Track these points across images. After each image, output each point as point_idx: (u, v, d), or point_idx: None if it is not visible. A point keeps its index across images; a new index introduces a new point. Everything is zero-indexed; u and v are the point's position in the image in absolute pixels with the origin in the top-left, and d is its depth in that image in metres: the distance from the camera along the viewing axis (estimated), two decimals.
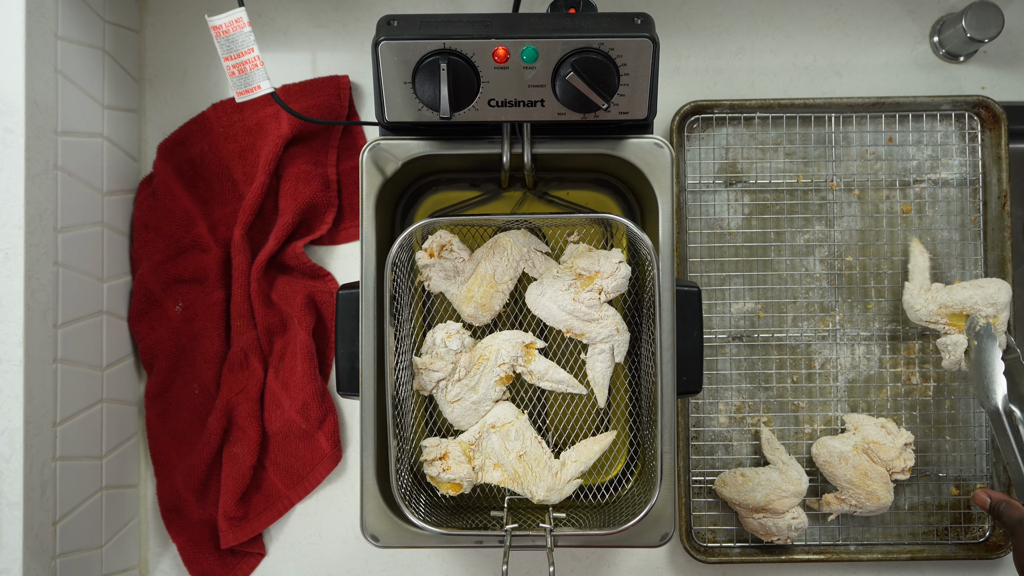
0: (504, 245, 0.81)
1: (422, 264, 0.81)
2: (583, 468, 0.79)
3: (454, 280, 0.81)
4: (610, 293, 0.78)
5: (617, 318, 0.79)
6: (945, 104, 0.95)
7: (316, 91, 0.96)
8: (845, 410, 0.95)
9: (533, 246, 0.81)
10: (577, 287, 0.79)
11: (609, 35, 0.67)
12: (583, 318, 0.79)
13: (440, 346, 0.79)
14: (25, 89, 0.75)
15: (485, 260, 0.81)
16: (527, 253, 0.81)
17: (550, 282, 0.80)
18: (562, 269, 0.81)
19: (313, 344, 0.94)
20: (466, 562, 0.96)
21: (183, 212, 0.96)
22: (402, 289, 0.80)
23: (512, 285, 0.81)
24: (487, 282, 0.80)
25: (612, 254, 0.79)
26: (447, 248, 0.81)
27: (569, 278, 0.79)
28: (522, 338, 0.80)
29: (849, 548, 0.93)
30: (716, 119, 0.96)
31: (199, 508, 0.95)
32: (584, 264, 0.79)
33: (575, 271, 0.79)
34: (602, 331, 0.79)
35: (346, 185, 0.98)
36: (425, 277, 0.82)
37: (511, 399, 0.82)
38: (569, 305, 0.78)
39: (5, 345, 0.74)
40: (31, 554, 0.74)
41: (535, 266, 0.81)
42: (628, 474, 0.83)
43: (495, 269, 0.80)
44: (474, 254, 0.82)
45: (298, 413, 0.94)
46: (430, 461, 0.79)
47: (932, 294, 0.90)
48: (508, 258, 0.80)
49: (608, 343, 0.79)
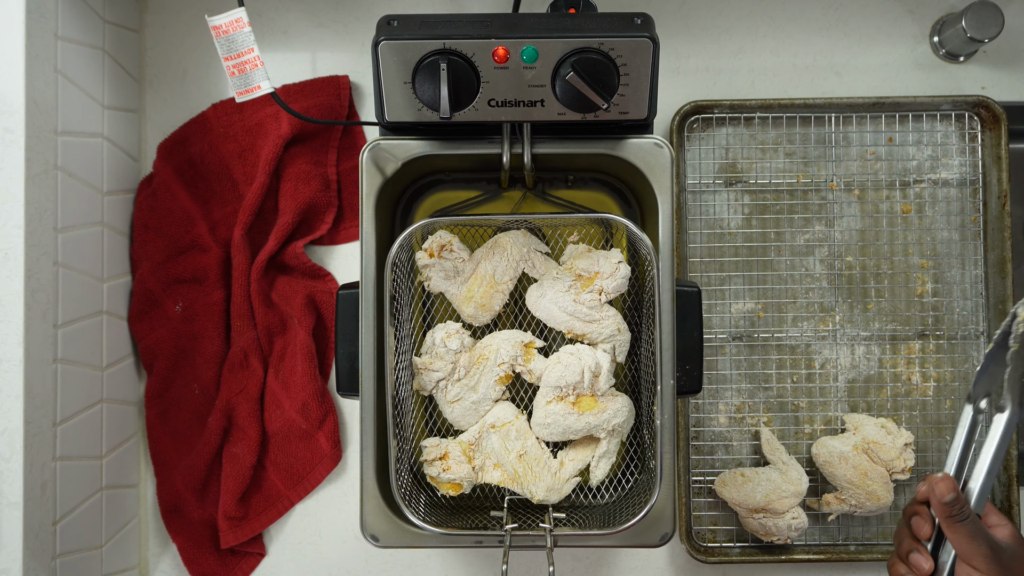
0: (504, 245, 0.81)
1: (422, 264, 0.81)
2: (580, 467, 0.79)
3: (454, 280, 0.81)
4: (610, 293, 0.78)
5: (618, 318, 0.79)
6: (945, 104, 0.95)
7: (316, 91, 0.96)
8: (845, 410, 0.95)
9: (533, 246, 0.81)
10: (577, 288, 0.79)
11: (609, 35, 0.67)
12: (584, 319, 0.79)
13: (440, 346, 0.79)
14: (25, 89, 0.75)
15: (485, 260, 0.81)
16: (527, 253, 0.81)
17: (550, 283, 0.80)
18: (562, 270, 0.80)
19: (313, 344, 0.94)
20: (466, 562, 0.96)
21: (183, 212, 0.96)
22: (402, 289, 0.80)
23: (512, 285, 0.81)
24: (487, 282, 0.80)
25: (611, 254, 0.79)
26: (447, 248, 0.81)
27: (569, 279, 0.79)
28: (521, 337, 0.80)
29: (849, 548, 0.93)
30: (716, 119, 0.96)
31: (199, 508, 0.95)
32: (584, 265, 0.79)
33: (575, 272, 0.79)
34: (603, 331, 0.79)
35: (346, 185, 0.98)
36: (425, 277, 0.82)
37: (511, 399, 0.82)
38: (570, 306, 0.78)
39: (5, 345, 0.74)
40: (31, 554, 0.74)
41: (535, 266, 0.81)
42: (628, 474, 0.83)
43: (495, 269, 0.80)
44: (474, 254, 0.82)
45: (298, 413, 0.94)
46: (430, 461, 0.79)
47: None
48: (508, 258, 0.80)
49: (609, 343, 0.79)
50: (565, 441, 0.81)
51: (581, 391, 0.77)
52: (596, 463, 0.79)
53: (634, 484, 0.82)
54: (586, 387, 0.77)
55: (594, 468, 0.79)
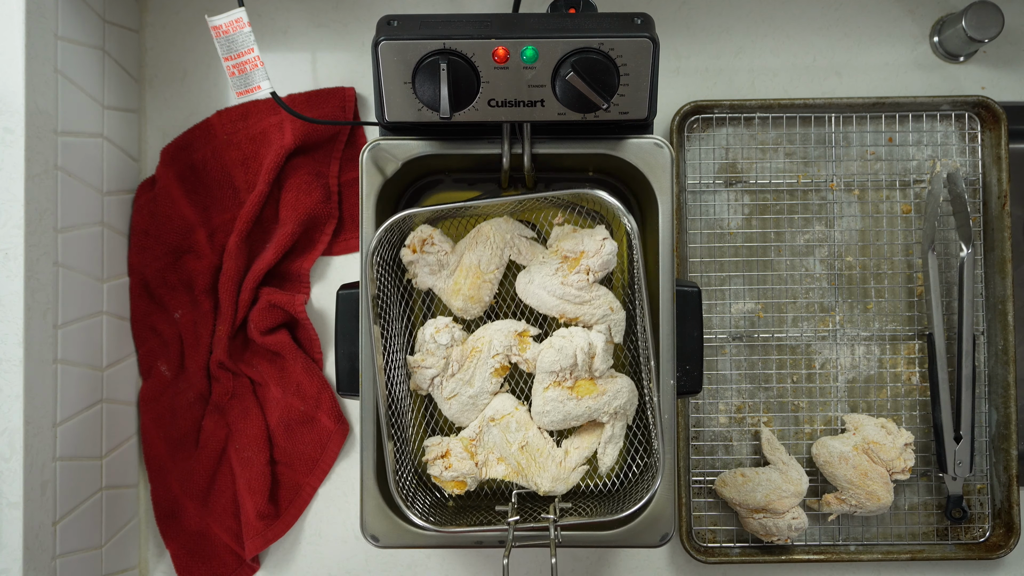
0: (487, 234, 0.79)
1: (407, 261, 0.79)
2: (587, 454, 0.77)
3: (439, 274, 0.80)
4: (598, 272, 0.77)
5: (610, 296, 0.78)
6: (945, 104, 0.95)
7: (321, 102, 0.96)
8: (845, 410, 0.95)
9: (517, 232, 0.80)
10: (564, 270, 0.77)
11: (609, 35, 0.67)
12: (575, 301, 0.77)
13: (430, 342, 0.78)
14: (25, 89, 0.75)
15: (468, 251, 0.79)
16: (511, 240, 0.79)
17: (537, 268, 0.78)
18: (548, 254, 0.79)
19: (294, 344, 0.94)
20: (466, 562, 0.96)
21: (182, 219, 0.96)
22: (389, 287, 0.78)
23: (499, 274, 0.80)
24: (473, 273, 0.79)
25: (596, 231, 0.77)
26: (428, 242, 0.79)
27: (556, 262, 0.77)
28: (514, 327, 0.78)
29: (849, 548, 0.93)
30: (716, 119, 0.96)
31: (199, 516, 0.94)
32: (569, 246, 0.77)
33: (561, 254, 0.78)
34: (596, 312, 0.77)
35: (347, 196, 0.97)
36: (412, 274, 0.80)
37: (510, 391, 0.81)
38: (559, 289, 0.77)
39: (5, 345, 0.74)
40: (31, 554, 0.74)
41: (520, 252, 0.79)
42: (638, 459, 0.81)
43: (480, 259, 0.79)
44: (457, 246, 0.80)
45: (294, 396, 0.93)
46: (432, 460, 0.78)
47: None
48: (492, 247, 0.79)
49: (604, 323, 0.77)
50: (570, 429, 0.80)
51: (578, 375, 0.76)
52: (603, 449, 0.78)
53: (644, 468, 0.80)
54: (582, 370, 0.76)
55: (601, 455, 0.78)
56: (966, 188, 0.94)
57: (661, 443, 0.74)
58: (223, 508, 0.95)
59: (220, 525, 0.94)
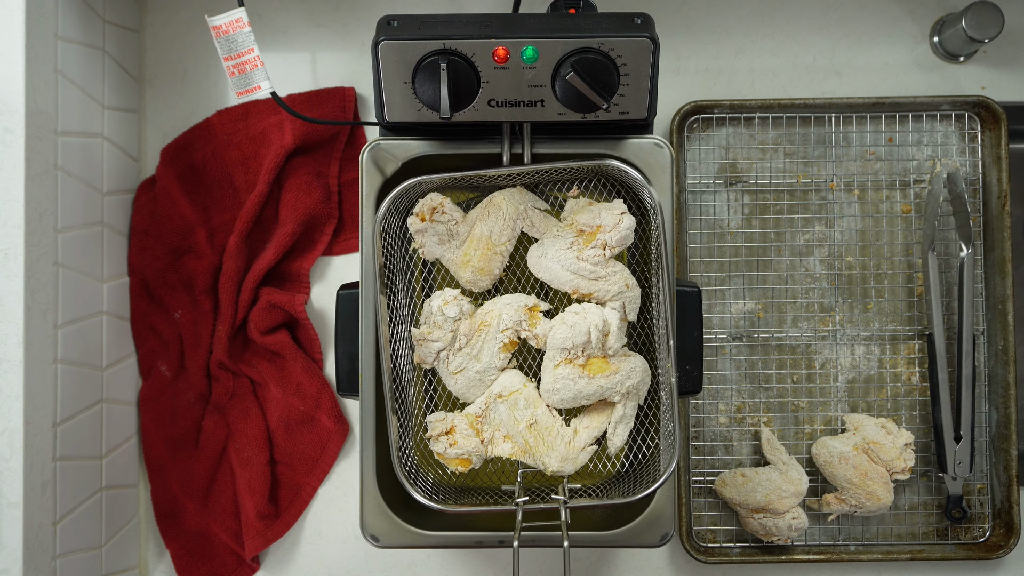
0: (499, 204, 0.76)
1: (415, 230, 0.77)
2: (596, 434, 0.75)
3: (449, 244, 0.77)
4: (615, 247, 0.74)
5: (625, 273, 0.75)
6: (945, 104, 0.95)
7: (321, 102, 0.96)
8: (845, 410, 0.95)
9: (530, 203, 0.77)
10: (580, 244, 0.75)
11: (609, 35, 0.67)
12: (589, 276, 0.74)
13: (437, 314, 0.75)
14: (25, 89, 0.75)
15: (480, 221, 0.77)
16: (524, 211, 0.77)
17: (551, 241, 0.75)
18: (563, 227, 0.76)
19: (294, 344, 0.94)
20: (466, 562, 0.96)
21: (182, 219, 0.96)
22: (395, 257, 0.76)
23: (511, 246, 0.77)
24: (484, 244, 0.76)
25: (614, 205, 0.75)
26: (438, 211, 0.77)
27: (571, 235, 0.75)
28: (524, 301, 0.76)
29: (849, 548, 0.93)
30: (716, 119, 0.96)
31: (199, 516, 0.94)
32: (585, 219, 0.75)
33: (576, 227, 0.75)
34: (611, 288, 0.75)
35: (347, 197, 0.97)
36: (419, 244, 0.77)
37: (518, 367, 0.79)
38: (573, 264, 0.74)
39: (5, 345, 0.74)
40: (31, 554, 0.74)
41: (534, 225, 0.77)
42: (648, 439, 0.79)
43: (491, 230, 0.76)
44: (468, 216, 0.78)
45: (294, 396, 0.94)
46: (436, 437, 0.75)
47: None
48: (504, 218, 0.76)
49: (619, 300, 0.75)
50: (579, 408, 0.78)
51: (591, 352, 0.73)
52: (613, 429, 0.75)
53: (654, 450, 0.78)
54: (595, 348, 0.73)
55: (611, 435, 0.76)
56: (966, 188, 0.94)
57: (676, 423, 0.71)
58: (223, 508, 0.95)
59: (220, 525, 0.94)
